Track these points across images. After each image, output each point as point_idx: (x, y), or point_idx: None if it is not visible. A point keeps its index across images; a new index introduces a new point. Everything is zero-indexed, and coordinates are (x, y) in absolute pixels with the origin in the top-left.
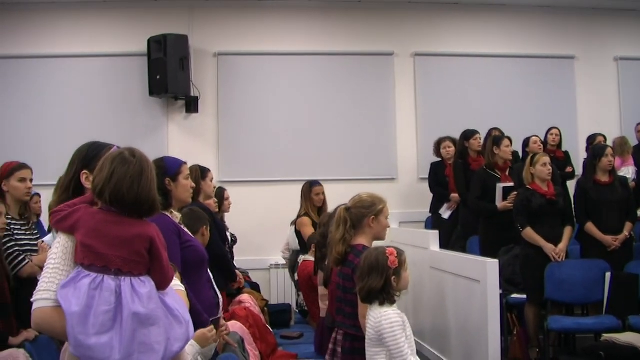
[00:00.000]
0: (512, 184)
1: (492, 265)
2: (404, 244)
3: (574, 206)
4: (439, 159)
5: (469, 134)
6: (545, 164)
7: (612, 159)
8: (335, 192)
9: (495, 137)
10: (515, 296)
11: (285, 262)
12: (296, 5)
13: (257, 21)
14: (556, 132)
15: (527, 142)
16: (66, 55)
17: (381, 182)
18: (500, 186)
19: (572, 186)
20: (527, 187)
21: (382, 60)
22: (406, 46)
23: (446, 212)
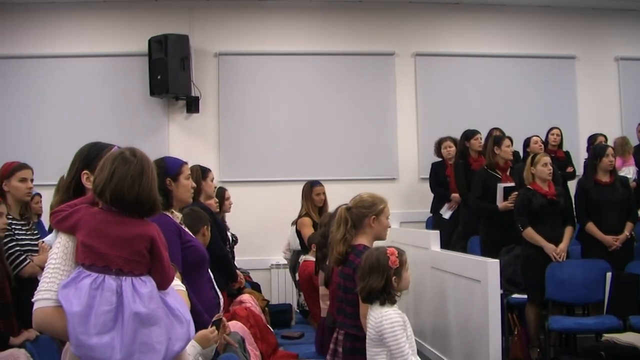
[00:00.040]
0: (513, 184)
1: (492, 265)
2: (404, 244)
3: (574, 206)
4: (440, 159)
5: (469, 134)
6: (545, 164)
7: (613, 159)
8: (336, 192)
9: (496, 137)
10: (516, 296)
11: (286, 262)
12: (297, 5)
13: (258, 21)
14: (557, 132)
15: (527, 142)
16: (67, 55)
17: (382, 182)
18: (501, 186)
19: (573, 186)
20: (528, 187)
21: (382, 60)
22: (407, 46)
23: (447, 212)
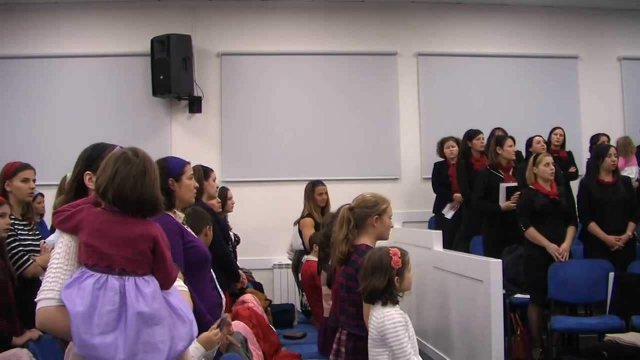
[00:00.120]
0: (516, 184)
1: (495, 265)
2: (407, 244)
3: (577, 206)
4: (442, 159)
5: (472, 134)
6: (548, 164)
7: (616, 158)
8: (338, 192)
9: (498, 137)
10: (518, 296)
11: (290, 262)
12: (299, 5)
13: (260, 21)
14: (560, 132)
15: (530, 142)
16: (68, 55)
17: (384, 182)
18: (503, 186)
19: (576, 186)
20: (530, 187)
21: (385, 60)
22: (409, 46)
23: (449, 212)
